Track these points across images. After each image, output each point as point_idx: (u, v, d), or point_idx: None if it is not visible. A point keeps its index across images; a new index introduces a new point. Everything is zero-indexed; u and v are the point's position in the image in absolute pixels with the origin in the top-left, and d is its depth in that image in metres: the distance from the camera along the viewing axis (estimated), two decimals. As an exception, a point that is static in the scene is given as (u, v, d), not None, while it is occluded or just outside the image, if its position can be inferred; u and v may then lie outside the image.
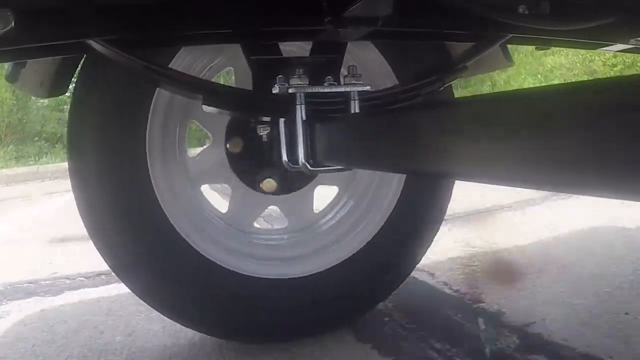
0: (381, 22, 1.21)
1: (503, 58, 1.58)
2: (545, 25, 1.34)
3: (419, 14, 1.32)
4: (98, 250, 1.41)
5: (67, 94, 1.51)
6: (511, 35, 1.44)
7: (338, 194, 1.69)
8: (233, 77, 1.54)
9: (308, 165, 1.20)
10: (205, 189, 1.60)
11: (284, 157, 1.26)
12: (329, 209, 1.68)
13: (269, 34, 1.32)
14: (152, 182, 1.38)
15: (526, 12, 1.30)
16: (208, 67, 1.49)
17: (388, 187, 1.61)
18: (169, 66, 1.36)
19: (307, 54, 1.39)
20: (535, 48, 1.74)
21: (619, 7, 1.35)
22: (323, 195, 1.71)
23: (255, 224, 1.64)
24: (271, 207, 1.65)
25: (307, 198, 1.61)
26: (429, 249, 1.68)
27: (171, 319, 1.52)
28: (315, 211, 1.67)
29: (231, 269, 1.45)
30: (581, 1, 1.34)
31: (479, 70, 1.74)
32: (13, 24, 1.02)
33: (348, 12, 1.18)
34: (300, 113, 1.21)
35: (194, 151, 1.66)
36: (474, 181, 0.82)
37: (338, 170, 1.24)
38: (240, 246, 1.53)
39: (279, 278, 1.50)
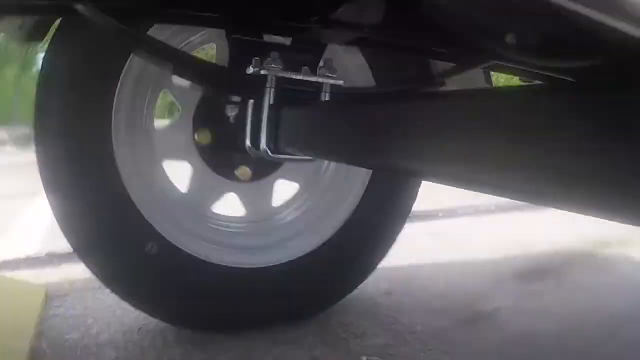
0: (366, 29, 1.19)
1: (483, 80, 1.57)
2: (529, 59, 1.32)
3: (407, 28, 1.30)
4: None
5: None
6: (494, 62, 1.43)
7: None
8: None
9: (269, 151, 1.16)
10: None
11: (247, 142, 1.23)
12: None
13: (253, 24, 1.30)
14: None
15: (514, 42, 1.28)
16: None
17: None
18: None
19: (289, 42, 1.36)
20: (519, 79, 1.73)
21: (607, 50, 1.34)
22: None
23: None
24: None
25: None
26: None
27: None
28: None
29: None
30: (575, 39, 1.33)
31: (455, 86, 1.73)
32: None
33: (336, 14, 1.16)
34: (269, 96, 1.18)
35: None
36: (439, 182, 0.78)
37: (300, 159, 1.20)
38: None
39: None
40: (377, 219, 1.58)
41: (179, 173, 1.52)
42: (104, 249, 1.30)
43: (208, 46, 1.50)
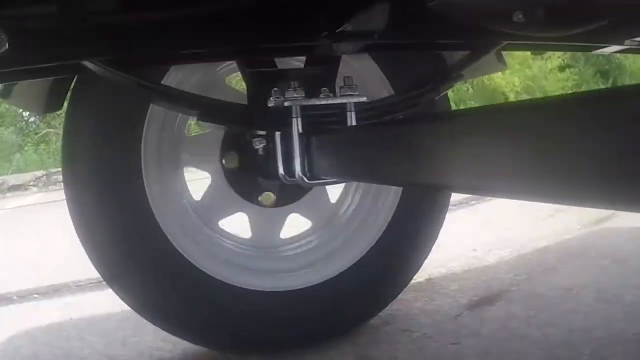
0: (376, 36, 1.21)
1: (497, 62, 1.58)
2: (540, 32, 1.33)
3: (414, 26, 1.31)
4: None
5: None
6: (506, 42, 1.44)
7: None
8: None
9: (305, 179, 1.19)
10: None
11: (280, 171, 1.26)
12: None
13: (265, 50, 1.32)
14: None
15: (522, 20, 1.29)
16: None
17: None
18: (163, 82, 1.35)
19: (302, 66, 1.39)
20: (531, 53, 1.74)
21: (613, 9, 1.34)
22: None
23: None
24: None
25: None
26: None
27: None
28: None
29: None
30: (576, 5, 1.33)
31: (472, 75, 1.73)
32: (7, 46, 1.01)
33: (344, 27, 1.17)
34: (297, 126, 1.20)
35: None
36: (473, 193, 0.82)
37: (335, 183, 1.23)
38: None
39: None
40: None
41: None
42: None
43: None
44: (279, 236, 1.61)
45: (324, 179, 1.19)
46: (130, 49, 1.17)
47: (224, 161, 1.48)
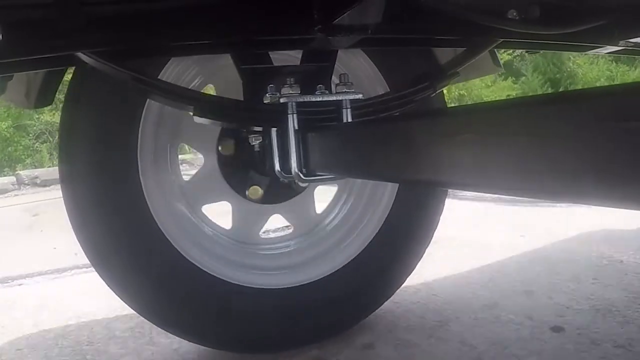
0: (371, 30, 1.21)
1: (492, 63, 1.58)
2: (535, 29, 1.33)
3: (409, 21, 1.31)
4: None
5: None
6: (501, 40, 1.44)
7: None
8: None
9: (301, 175, 1.19)
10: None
11: (277, 167, 1.26)
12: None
13: (260, 43, 1.32)
14: None
15: (516, 17, 1.30)
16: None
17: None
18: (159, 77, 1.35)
19: (298, 63, 1.38)
20: (526, 51, 1.74)
21: (608, 10, 1.35)
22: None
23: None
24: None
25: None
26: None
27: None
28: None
29: None
30: (571, 4, 1.34)
31: (468, 76, 1.73)
32: (1, 37, 1.01)
33: (338, 20, 1.17)
34: (292, 123, 1.21)
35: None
36: (469, 190, 0.82)
37: (331, 179, 1.23)
38: None
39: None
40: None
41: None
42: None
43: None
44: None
45: (320, 175, 1.20)
46: (125, 40, 1.16)
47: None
